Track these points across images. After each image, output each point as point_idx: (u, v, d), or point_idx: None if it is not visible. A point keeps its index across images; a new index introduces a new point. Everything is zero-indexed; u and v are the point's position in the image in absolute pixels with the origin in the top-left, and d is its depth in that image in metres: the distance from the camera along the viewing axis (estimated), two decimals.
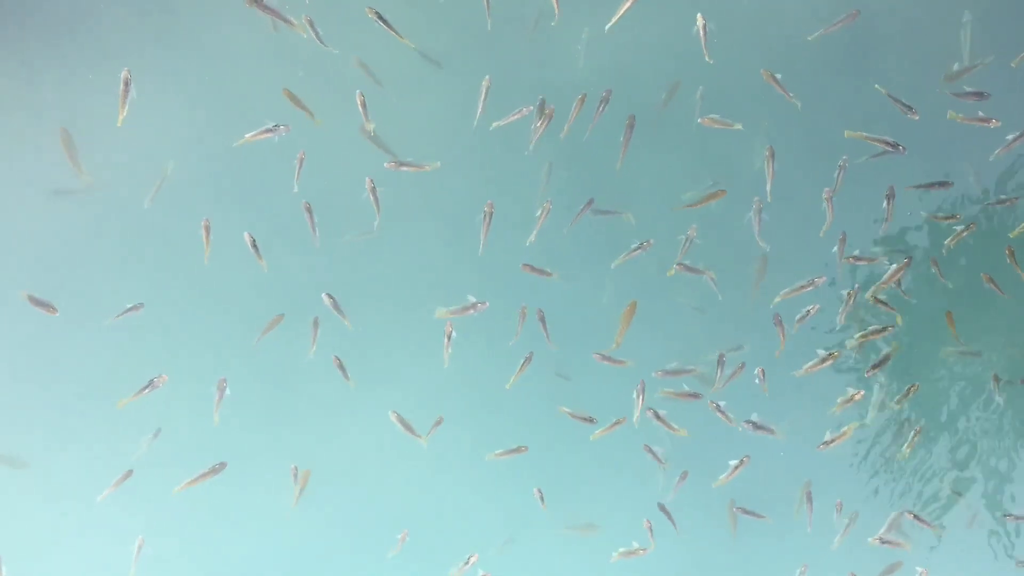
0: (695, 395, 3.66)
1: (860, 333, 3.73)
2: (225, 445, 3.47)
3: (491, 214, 3.55)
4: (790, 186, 3.67)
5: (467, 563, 3.56)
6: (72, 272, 3.42)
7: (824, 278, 3.65)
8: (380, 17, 3.43)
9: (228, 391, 3.43)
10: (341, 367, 3.50)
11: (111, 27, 3.46)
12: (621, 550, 3.65)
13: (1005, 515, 3.82)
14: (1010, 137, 3.59)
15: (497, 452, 3.60)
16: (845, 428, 3.66)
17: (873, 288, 3.69)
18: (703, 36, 3.50)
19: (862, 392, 3.68)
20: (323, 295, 3.52)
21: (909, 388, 3.74)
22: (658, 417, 3.60)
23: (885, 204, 3.66)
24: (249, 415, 3.51)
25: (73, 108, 3.44)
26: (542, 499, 3.60)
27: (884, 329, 3.72)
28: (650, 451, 3.61)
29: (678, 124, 3.66)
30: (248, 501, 3.51)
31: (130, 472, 3.38)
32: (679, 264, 3.61)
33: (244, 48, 3.52)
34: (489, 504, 3.66)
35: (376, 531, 3.58)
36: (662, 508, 3.65)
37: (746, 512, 3.68)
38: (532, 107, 3.56)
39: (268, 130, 3.37)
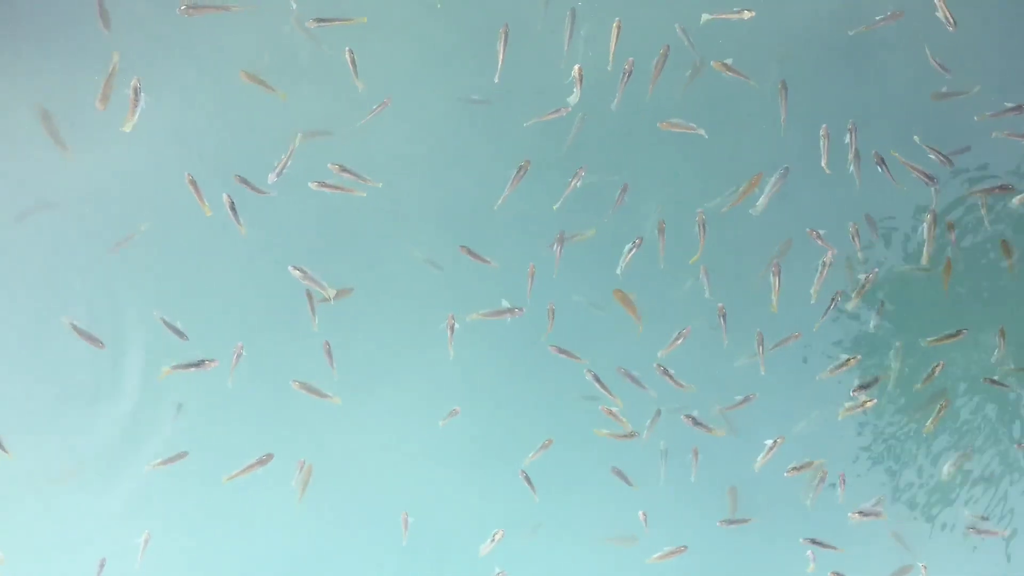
0: (748, 399, 3.64)
1: (931, 338, 3.65)
2: (227, 442, 3.51)
3: (526, 168, 3.55)
4: (791, 186, 3.63)
5: (493, 540, 3.56)
6: (68, 272, 3.48)
7: (834, 250, 3.60)
8: (321, 20, 3.47)
9: (244, 353, 3.45)
10: (329, 354, 3.51)
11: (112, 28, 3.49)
12: (658, 554, 3.60)
13: (970, 528, 3.73)
14: None
15: (531, 456, 3.58)
16: (813, 460, 3.60)
17: (924, 255, 3.65)
18: (726, 16, 3.52)
19: (874, 400, 3.61)
20: (289, 268, 3.47)
21: (934, 367, 3.63)
22: (598, 382, 3.58)
23: (881, 170, 3.60)
24: (252, 413, 3.54)
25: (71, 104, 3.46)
26: (529, 482, 3.58)
27: (957, 333, 3.64)
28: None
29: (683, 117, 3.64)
30: (251, 498, 3.53)
31: (184, 453, 3.45)
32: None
33: (242, 47, 3.54)
34: (496, 501, 3.64)
35: (382, 530, 3.57)
36: (617, 472, 3.62)
37: (731, 522, 3.63)
38: (569, 107, 3.56)
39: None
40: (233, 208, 3.41)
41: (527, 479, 3.58)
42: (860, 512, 3.62)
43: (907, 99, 3.67)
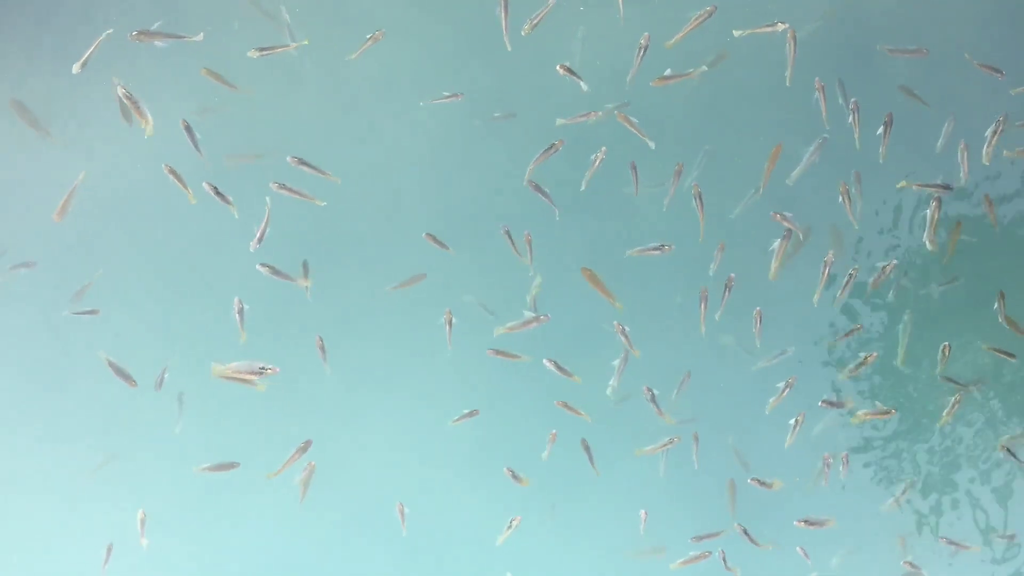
0: (789, 384, 3.60)
1: (988, 346, 3.64)
2: (228, 442, 3.57)
3: (557, 148, 3.52)
4: (793, 188, 3.63)
5: (510, 527, 3.57)
6: (63, 269, 3.50)
7: (801, 232, 3.58)
8: (263, 49, 3.45)
9: (246, 306, 3.46)
10: (322, 349, 3.54)
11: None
12: (681, 559, 3.59)
13: (941, 537, 3.67)
14: None
15: (545, 454, 3.59)
16: (774, 481, 3.61)
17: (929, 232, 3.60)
18: (759, 30, 3.54)
19: (894, 412, 3.59)
20: (257, 266, 3.47)
21: (944, 347, 3.62)
22: (558, 367, 3.56)
23: (882, 131, 3.58)
24: (253, 413, 3.58)
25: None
26: (514, 477, 3.57)
27: (1011, 355, 3.61)
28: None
29: (684, 122, 3.68)
30: (253, 498, 3.57)
31: (236, 464, 3.52)
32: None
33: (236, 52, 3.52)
34: (501, 501, 3.64)
35: (383, 531, 3.60)
36: (584, 447, 3.60)
37: (701, 538, 3.61)
38: (600, 112, 3.57)
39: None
40: (219, 193, 3.42)
41: (513, 474, 3.58)
42: (806, 521, 3.57)
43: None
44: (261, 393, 3.50)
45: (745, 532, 3.57)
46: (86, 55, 3.39)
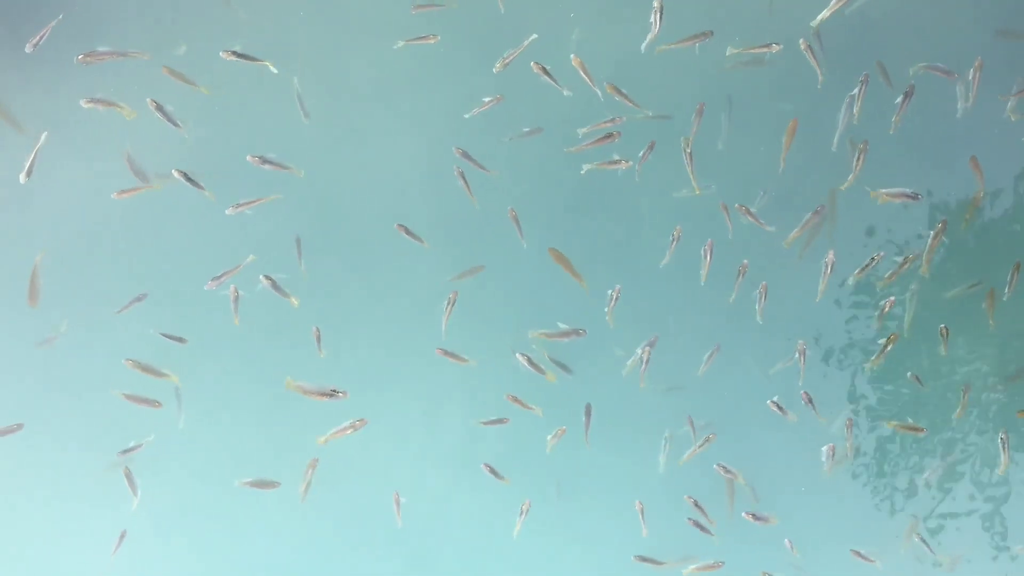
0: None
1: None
2: (227, 442, 3.60)
3: (616, 138, 3.50)
4: (794, 189, 3.59)
5: (523, 514, 3.57)
6: (65, 269, 3.54)
7: (769, 228, 3.51)
8: (239, 54, 3.45)
9: (241, 292, 3.49)
10: (318, 339, 3.54)
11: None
12: (693, 567, 3.55)
13: (921, 539, 3.60)
14: None
15: (551, 446, 3.60)
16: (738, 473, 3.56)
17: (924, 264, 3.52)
18: (755, 50, 3.51)
19: (925, 431, 3.55)
20: (261, 277, 3.49)
21: (944, 330, 3.51)
22: (532, 364, 3.51)
23: (900, 100, 3.47)
24: (253, 412, 3.62)
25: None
26: (493, 473, 3.56)
27: None
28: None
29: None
30: (253, 497, 3.61)
31: (277, 483, 3.57)
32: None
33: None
34: (500, 500, 3.64)
35: (383, 530, 3.63)
36: (587, 410, 3.56)
37: (645, 560, 3.55)
38: (623, 117, 3.53)
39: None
40: (190, 180, 3.42)
41: (492, 470, 3.57)
42: (753, 515, 3.50)
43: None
44: (262, 393, 3.58)
45: (696, 504, 3.53)
46: (29, 161, 3.41)
